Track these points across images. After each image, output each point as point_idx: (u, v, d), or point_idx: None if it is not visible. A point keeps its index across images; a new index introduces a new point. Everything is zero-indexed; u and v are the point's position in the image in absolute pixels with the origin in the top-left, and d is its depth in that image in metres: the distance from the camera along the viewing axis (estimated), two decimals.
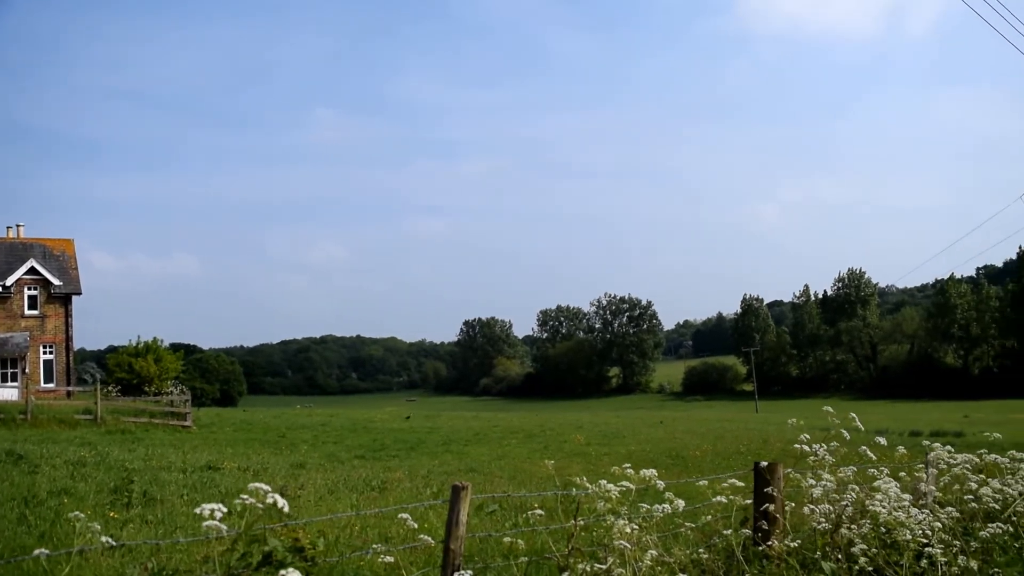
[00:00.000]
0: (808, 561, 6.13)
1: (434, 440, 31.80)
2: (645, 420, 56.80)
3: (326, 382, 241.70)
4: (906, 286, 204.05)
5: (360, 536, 10.42)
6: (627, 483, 5.31)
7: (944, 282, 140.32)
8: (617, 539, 4.99)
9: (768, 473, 6.33)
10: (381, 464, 22.86)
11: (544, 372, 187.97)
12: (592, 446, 30.13)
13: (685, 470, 21.15)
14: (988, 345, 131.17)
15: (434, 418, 51.06)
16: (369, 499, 14.91)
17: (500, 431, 37.12)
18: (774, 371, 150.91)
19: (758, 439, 32.46)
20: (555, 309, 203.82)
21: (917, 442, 10.10)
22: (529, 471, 20.81)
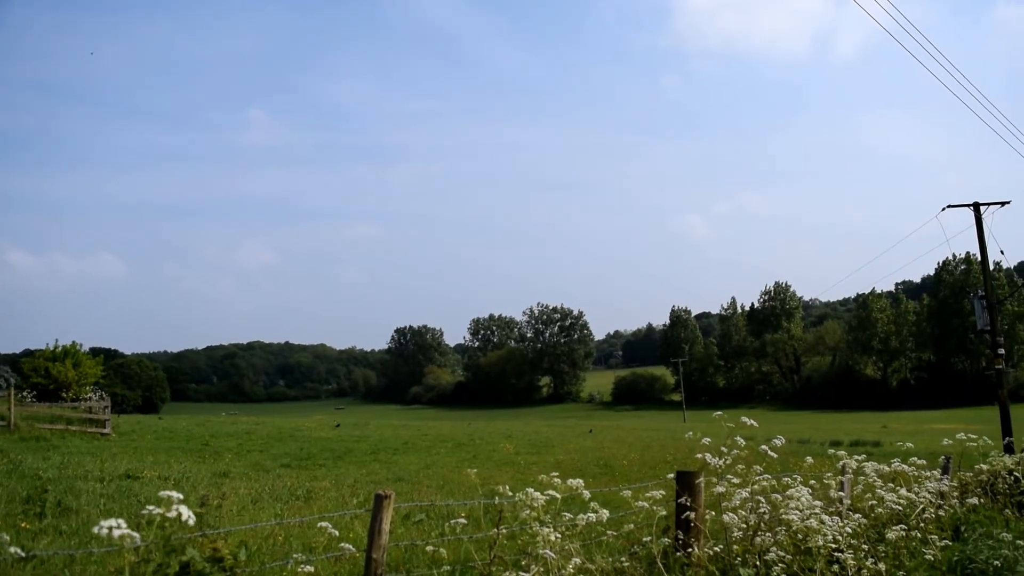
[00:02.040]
0: (727, 568, 6.26)
1: (362, 449, 31.48)
2: (575, 429, 57.18)
3: (253, 389, 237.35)
4: (829, 300, 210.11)
5: (284, 546, 10.27)
6: (552, 492, 5.36)
7: (865, 297, 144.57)
8: (540, 547, 5.03)
9: (689, 482, 6.44)
10: (307, 473, 22.52)
11: (475, 381, 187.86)
12: (521, 455, 30.20)
13: (613, 479, 21.34)
14: (906, 358, 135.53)
15: (363, 427, 50.57)
16: (294, 509, 14.70)
17: (430, 440, 36.94)
18: (702, 381, 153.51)
19: (685, 449, 32.92)
20: (487, 318, 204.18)
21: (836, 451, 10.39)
22: (458, 480, 20.75)
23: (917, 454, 13.74)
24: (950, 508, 9.09)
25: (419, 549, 7.92)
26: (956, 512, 9.06)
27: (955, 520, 8.84)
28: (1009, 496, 11.00)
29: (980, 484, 10.67)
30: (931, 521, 8.22)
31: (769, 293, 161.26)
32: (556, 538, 5.16)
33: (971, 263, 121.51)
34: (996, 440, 13.17)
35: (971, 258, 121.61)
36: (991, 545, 8.00)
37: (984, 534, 8.39)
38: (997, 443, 12.33)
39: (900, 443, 11.53)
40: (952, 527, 8.66)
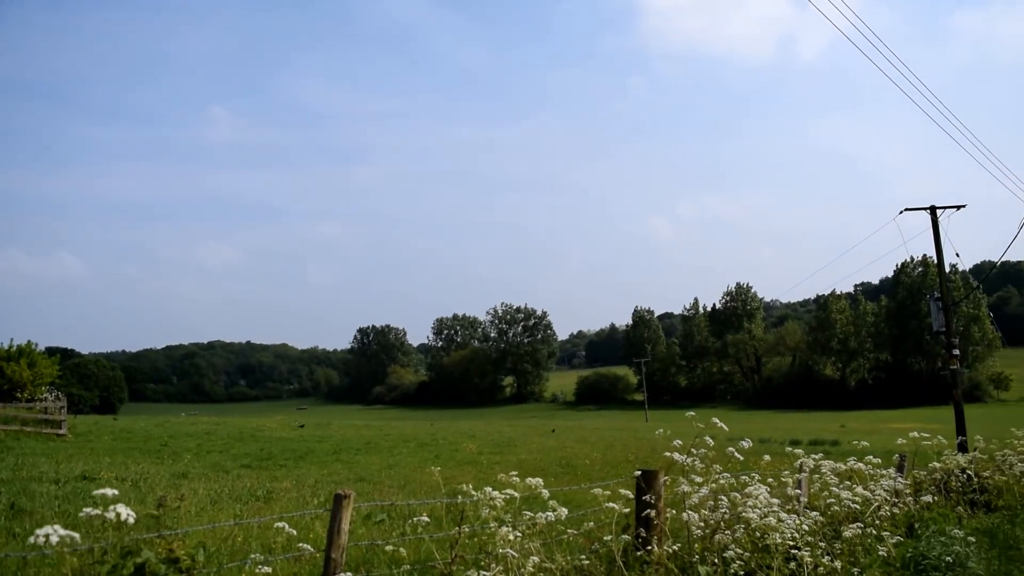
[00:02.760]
0: (687, 565, 6.31)
1: (324, 449, 31.28)
2: (538, 429, 57.28)
3: (213, 389, 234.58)
4: (790, 301, 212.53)
5: (243, 547, 10.17)
6: (511, 491, 5.36)
7: (825, 298, 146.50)
8: (500, 546, 5.03)
9: (649, 481, 6.48)
10: (268, 474, 22.32)
11: (438, 381, 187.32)
12: (484, 455, 30.20)
13: (575, 478, 21.40)
14: (864, 358, 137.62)
15: (325, 427, 50.25)
16: (254, 509, 14.56)
17: (392, 440, 36.80)
18: (664, 381, 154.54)
19: (647, 448, 33.15)
20: (451, 318, 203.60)
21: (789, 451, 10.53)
22: (420, 480, 20.70)
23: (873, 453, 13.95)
24: (904, 506, 9.24)
25: (379, 549, 7.88)
26: (910, 509, 9.21)
27: (909, 517, 8.99)
28: (962, 494, 11.22)
29: (934, 482, 10.87)
30: (886, 518, 8.35)
31: (731, 294, 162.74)
32: (515, 537, 5.17)
33: (928, 265, 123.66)
34: (950, 439, 13.44)
35: (928, 261, 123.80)
36: (943, 542, 8.15)
37: (937, 531, 8.55)
38: (951, 442, 12.57)
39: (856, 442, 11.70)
40: (906, 524, 8.81)
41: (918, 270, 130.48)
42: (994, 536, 9.63)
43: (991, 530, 9.87)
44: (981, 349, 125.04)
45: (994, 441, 14.67)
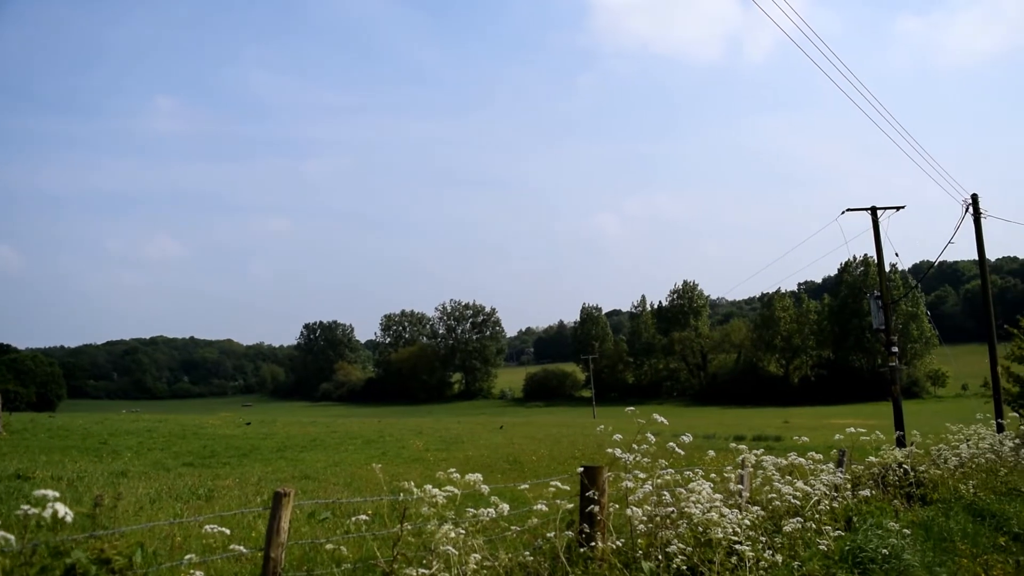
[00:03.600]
0: (630, 561, 6.33)
1: (268, 447, 30.85)
2: (486, 426, 57.26)
3: (155, 386, 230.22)
4: (735, 299, 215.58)
5: (183, 547, 9.97)
6: (452, 488, 5.32)
7: (770, 296, 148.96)
8: (440, 544, 4.99)
9: (593, 477, 6.49)
10: (210, 472, 21.95)
11: (386, 377, 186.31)
12: (431, 452, 30.08)
13: (522, 475, 21.43)
14: (807, 355, 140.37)
15: (270, 424, 49.58)
16: (195, 508, 14.30)
17: (338, 437, 36.46)
18: (612, 378, 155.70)
19: (593, 444, 33.32)
20: (399, 314, 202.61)
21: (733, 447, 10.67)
22: (366, 477, 20.54)
23: (815, 448, 14.19)
24: (843, 500, 9.40)
25: (321, 547, 7.79)
26: (849, 503, 9.38)
27: (848, 511, 9.15)
28: (899, 487, 11.46)
29: (872, 476, 11.08)
30: (825, 512, 8.49)
31: (678, 292, 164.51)
32: (457, 534, 5.13)
33: (869, 265, 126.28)
34: (889, 434, 13.72)
35: (869, 260, 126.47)
36: (880, 535, 8.32)
37: (874, 524, 8.72)
38: (889, 437, 12.83)
39: (797, 437, 11.89)
40: (845, 518, 8.96)
41: (860, 269, 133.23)
42: (929, 528, 9.85)
43: (926, 523, 10.09)
44: (919, 347, 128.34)
45: (930, 436, 15.04)
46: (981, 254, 28.61)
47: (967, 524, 10.69)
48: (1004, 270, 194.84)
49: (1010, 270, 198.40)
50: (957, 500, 11.94)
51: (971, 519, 11.10)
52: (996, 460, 15.43)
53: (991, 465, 14.97)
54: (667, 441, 7.31)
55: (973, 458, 14.45)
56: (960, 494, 12.31)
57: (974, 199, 27.73)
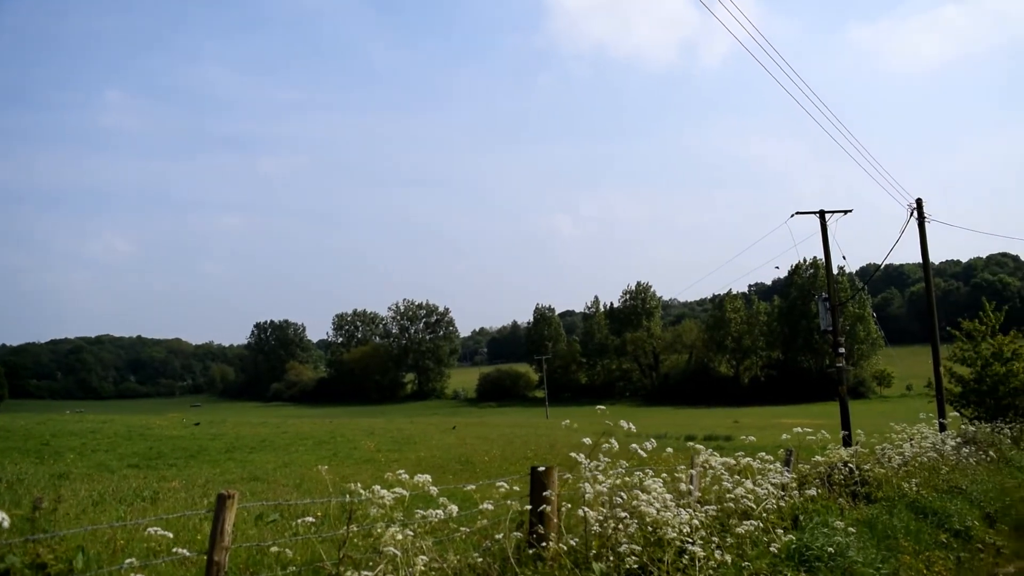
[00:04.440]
0: (581, 561, 6.32)
1: (217, 447, 30.42)
2: (439, 426, 57.10)
3: (101, 385, 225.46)
4: (687, 300, 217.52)
5: (126, 550, 9.75)
6: (401, 489, 5.27)
7: (721, 297, 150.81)
8: (386, 545, 4.93)
9: (544, 477, 6.47)
10: (156, 473, 21.58)
11: (338, 377, 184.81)
12: (383, 452, 29.92)
13: (474, 475, 21.38)
14: (757, 356, 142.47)
15: (219, 424, 48.88)
16: (139, 511, 14.01)
17: (289, 438, 36.08)
18: (565, 378, 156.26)
19: (546, 444, 33.42)
20: (351, 313, 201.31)
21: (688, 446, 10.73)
22: (316, 479, 20.35)
23: (764, 447, 14.35)
24: (790, 499, 9.50)
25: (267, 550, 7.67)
26: (795, 502, 9.48)
27: (795, 510, 9.25)
28: (844, 486, 11.64)
29: (818, 475, 11.24)
30: (773, 511, 8.57)
31: (630, 293, 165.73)
32: (404, 536, 5.08)
33: (818, 267, 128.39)
34: (835, 434, 13.95)
35: (818, 262, 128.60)
36: (826, 533, 8.43)
37: (820, 522, 8.83)
38: (836, 437, 13.03)
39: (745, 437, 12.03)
40: (792, 516, 9.06)
41: (809, 272, 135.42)
42: (873, 526, 10.01)
43: (871, 520, 10.26)
44: (866, 348, 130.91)
45: (875, 435, 15.30)
46: (925, 257, 29.23)
47: (910, 521, 10.89)
48: (947, 273, 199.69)
49: (953, 273, 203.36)
50: (901, 498, 12.16)
51: (914, 516, 11.31)
52: (938, 459, 15.77)
53: (933, 464, 15.29)
54: (623, 442, 7.32)
55: (916, 457, 14.74)
56: (904, 492, 12.54)
57: (919, 203, 28.31)
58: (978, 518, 12.97)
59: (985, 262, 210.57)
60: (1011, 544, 12.68)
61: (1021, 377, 31.75)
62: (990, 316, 33.36)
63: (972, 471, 16.76)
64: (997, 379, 31.87)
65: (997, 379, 31.87)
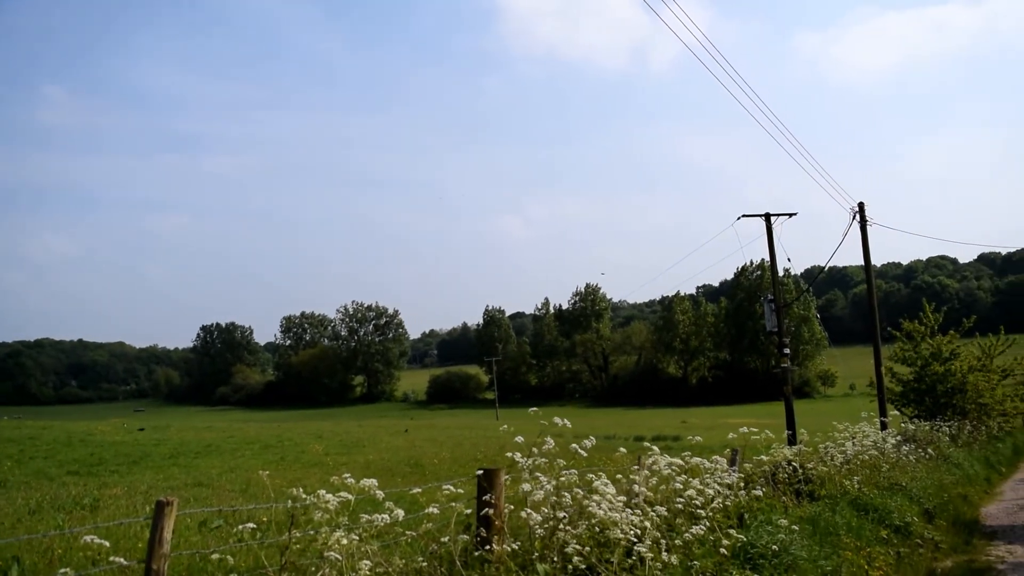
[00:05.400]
0: (527, 563, 6.31)
1: (161, 453, 29.86)
2: (388, 429, 56.79)
3: (40, 391, 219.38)
4: (636, 302, 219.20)
5: (64, 559, 9.51)
6: (346, 493, 5.20)
7: (670, 299, 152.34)
8: (330, 550, 4.87)
9: (491, 479, 6.44)
10: (97, 480, 21.11)
11: (286, 380, 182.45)
12: (331, 456, 29.64)
13: (423, 478, 21.30)
14: (704, 357, 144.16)
15: (163, 429, 48.00)
16: (78, 519, 13.68)
17: (235, 442, 35.56)
18: (515, 380, 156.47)
19: (496, 446, 33.38)
20: (299, 316, 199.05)
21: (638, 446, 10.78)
22: (262, 484, 20.04)
23: (711, 447, 14.51)
24: (736, 498, 9.60)
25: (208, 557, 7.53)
26: (741, 501, 9.58)
27: (740, 509, 9.35)
28: (788, 484, 11.80)
29: (763, 474, 11.37)
30: (719, 511, 8.65)
31: (580, 294, 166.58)
32: (349, 540, 5.02)
33: (764, 269, 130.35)
34: (780, 433, 14.15)
35: (764, 265, 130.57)
36: (770, 531, 8.54)
37: (765, 521, 8.94)
38: (780, 436, 13.22)
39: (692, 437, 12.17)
40: (737, 515, 9.16)
41: (756, 274, 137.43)
42: (816, 523, 10.17)
43: (814, 518, 10.41)
44: (810, 348, 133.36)
45: (818, 434, 15.54)
46: (867, 260, 29.82)
47: (852, 518, 11.08)
48: (889, 275, 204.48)
49: (895, 275, 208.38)
50: (843, 495, 12.37)
51: (856, 513, 11.51)
52: (879, 456, 16.07)
53: (875, 461, 15.58)
54: (570, 443, 7.33)
55: (858, 455, 15.01)
56: (846, 490, 12.76)
57: (861, 207, 28.87)
58: (917, 514, 13.25)
59: (925, 265, 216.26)
60: (949, 539, 12.99)
61: (959, 376, 32.59)
62: (929, 317, 34.17)
63: (912, 468, 17.12)
64: (936, 378, 32.66)
65: (936, 378, 32.66)
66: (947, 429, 25.43)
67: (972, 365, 33.67)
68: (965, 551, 12.56)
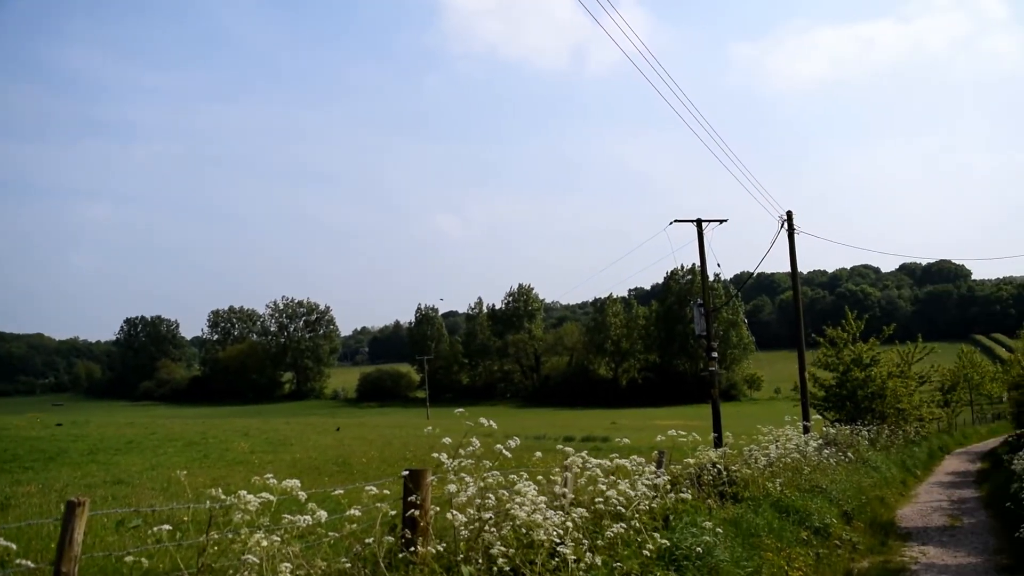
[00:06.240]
0: (452, 564, 6.26)
1: (79, 449, 28.98)
2: (316, 427, 56.10)
3: None
4: (569, 303, 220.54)
5: None
6: (267, 494, 5.09)
7: (602, 301, 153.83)
8: (248, 553, 4.75)
9: (416, 480, 6.38)
10: (10, 477, 20.39)
11: (213, 376, 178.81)
12: (257, 454, 29.14)
13: (350, 477, 21.08)
14: (635, 359, 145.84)
15: (82, 425, 46.57)
16: None
17: (157, 439, 34.71)
18: (447, 379, 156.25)
19: (425, 446, 33.18)
20: (227, 310, 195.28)
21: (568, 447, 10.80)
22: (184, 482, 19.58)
23: (639, 449, 14.62)
24: (663, 499, 9.69)
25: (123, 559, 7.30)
26: (667, 503, 9.68)
27: (666, 510, 9.44)
28: (713, 486, 11.98)
29: (688, 476, 11.51)
30: (645, 512, 8.72)
31: (513, 295, 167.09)
32: (269, 542, 4.91)
33: (695, 274, 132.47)
34: (707, 435, 14.33)
35: (695, 269, 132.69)
36: (695, 533, 8.65)
37: (689, 522, 9.05)
38: (707, 438, 13.38)
39: (620, 439, 12.28)
40: (663, 517, 9.25)
41: (687, 278, 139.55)
42: (739, 525, 10.34)
43: (737, 519, 10.59)
44: (738, 352, 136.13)
45: (743, 437, 15.81)
46: (794, 267, 30.47)
47: (774, 520, 11.30)
48: (815, 282, 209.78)
49: (820, 283, 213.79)
50: (766, 497, 12.61)
51: (777, 515, 11.75)
52: (801, 459, 16.43)
53: (797, 464, 15.92)
54: (497, 443, 7.31)
55: (781, 458, 15.31)
56: (768, 492, 13.00)
57: (789, 216, 29.48)
58: (836, 516, 13.59)
59: (849, 273, 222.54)
60: (866, 540, 13.36)
61: (878, 382, 33.60)
62: (852, 324, 35.15)
63: (832, 471, 17.55)
64: (857, 384, 33.62)
65: (857, 384, 33.62)
66: (866, 433, 26.13)
67: (891, 371, 34.76)
68: (881, 552, 12.93)
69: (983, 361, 68.23)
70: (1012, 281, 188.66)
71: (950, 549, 13.21)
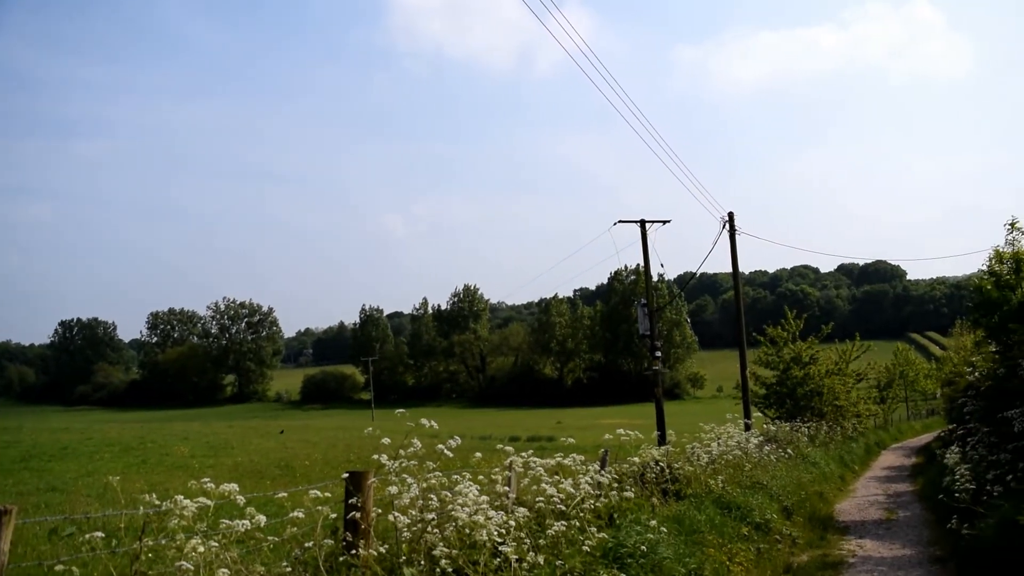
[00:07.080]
0: (394, 566, 6.21)
1: (11, 456, 28.20)
2: (259, 430, 55.37)
3: None
4: (515, 303, 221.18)
5: None
6: (204, 499, 4.98)
7: (548, 301, 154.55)
8: (183, 559, 4.65)
9: (357, 482, 6.31)
10: None
11: (152, 379, 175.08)
12: (197, 458, 28.63)
13: (293, 480, 20.84)
14: (580, 359, 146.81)
15: (15, 431, 45.30)
16: None
17: (94, 444, 33.91)
18: (392, 380, 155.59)
19: (369, 447, 32.84)
20: (167, 312, 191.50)
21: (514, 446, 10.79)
22: (121, 488, 19.13)
23: (584, 448, 14.69)
24: (607, 498, 9.73)
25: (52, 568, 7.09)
26: (611, 501, 9.73)
27: (610, 509, 9.49)
28: (656, 484, 12.08)
29: (632, 474, 11.59)
30: (589, 511, 8.75)
31: (459, 295, 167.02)
32: (207, 548, 4.80)
33: (639, 274, 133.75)
34: (650, 433, 14.46)
35: (639, 269, 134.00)
36: (639, 530, 8.70)
37: (633, 520, 9.11)
38: (650, 436, 13.50)
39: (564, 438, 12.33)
40: (607, 515, 9.29)
41: (631, 278, 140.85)
42: (682, 522, 10.43)
43: (680, 516, 10.68)
44: (681, 351, 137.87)
45: (686, 435, 15.98)
46: (735, 267, 30.89)
47: (716, 516, 11.43)
48: (756, 282, 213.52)
49: (761, 283, 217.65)
50: (708, 494, 12.75)
51: (719, 511, 11.89)
52: (743, 456, 16.67)
53: (738, 461, 16.14)
54: (441, 444, 7.26)
55: (723, 455, 15.51)
56: (710, 488, 13.15)
57: (730, 217, 29.89)
58: (777, 511, 13.81)
59: (789, 273, 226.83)
60: (805, 535, 13.61)
61: (817, 380, 34.27)
62: (791, 323, 35.80)
63: (773, 468, 17.84)
64: (796, 382, 34.25)
65: (796, 382, 34.25)
66: (806, 430, 26.60)
67: (830, 369, 35.48)
68: (820, 546, 13.18)
69: (917, 359, 70.18)
70: (945, 281, 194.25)
71: (886, 542, 13.52)
